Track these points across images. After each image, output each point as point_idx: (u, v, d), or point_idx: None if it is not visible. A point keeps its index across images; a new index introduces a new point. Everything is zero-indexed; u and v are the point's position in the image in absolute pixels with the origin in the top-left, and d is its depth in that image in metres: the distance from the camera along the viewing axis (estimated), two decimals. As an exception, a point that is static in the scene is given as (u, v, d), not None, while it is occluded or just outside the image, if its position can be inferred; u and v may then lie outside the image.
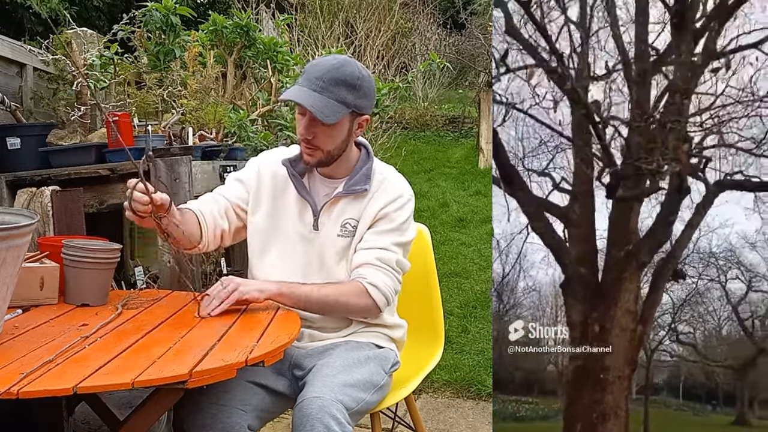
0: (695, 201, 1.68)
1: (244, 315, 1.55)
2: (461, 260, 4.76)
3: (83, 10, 6.01)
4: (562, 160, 1.71)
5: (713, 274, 1.66)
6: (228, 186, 1.73)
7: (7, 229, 1.20)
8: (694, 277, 1.67)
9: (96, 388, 1.08)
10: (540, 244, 1.70)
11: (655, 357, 1.67)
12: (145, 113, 2.74)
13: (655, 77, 1.70)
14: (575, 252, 1.69)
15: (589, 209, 1.70)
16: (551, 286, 1.69)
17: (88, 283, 1.61)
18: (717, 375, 1.66)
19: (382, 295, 1.59)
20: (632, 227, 1.69)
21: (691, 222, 1.68)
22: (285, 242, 1.66)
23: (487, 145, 7.30)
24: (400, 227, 1.64)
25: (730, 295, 1.66)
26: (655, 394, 1.66)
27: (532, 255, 1.70)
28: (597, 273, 1.69)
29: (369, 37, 7.83)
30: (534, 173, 1.72)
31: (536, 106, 1.72)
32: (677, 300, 1.67)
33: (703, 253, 1.67)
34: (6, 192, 2.23)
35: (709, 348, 1.67)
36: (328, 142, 1.59)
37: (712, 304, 1.67)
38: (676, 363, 1.68)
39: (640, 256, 1.67)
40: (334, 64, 1.55)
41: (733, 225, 1.66)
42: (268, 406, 1.58)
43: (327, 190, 1.68)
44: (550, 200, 1.71)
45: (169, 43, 2.78)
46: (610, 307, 1.66)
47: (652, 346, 1.67)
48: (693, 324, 1.67)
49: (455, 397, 2.90)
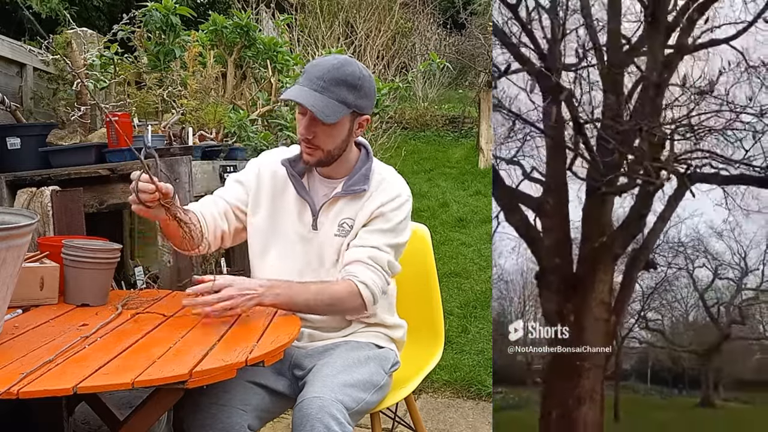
0: (667, 194, 1.71)
1: (244, 315, 1.55)
2: (461, 260, 4.76)
3: (83, 10, 6.02)
4: (532, 148, 1.72)
5: (681, 262, 1.71)
6: (228, 188, 1.73)
7: (7, 229, 1.20)
8: (663, 266, 1.70)
9: (96, 388, 1.08)
10: (509, 234, 1.72)
11: (625, 344, 1.71)
12: (145, 113, 2.74)
13: (627, 69, 1.71)
14: (549, 243, 1.70)
15: (563, 200, 1.71)
16: (519, 275, 1.71)
17: (88, 283, 1.61)
18: (683, 360, 1.71)
19: (371, 294, 1.59)
20: (606, 219, 1.71)
21: (662, 215, 1.71)
22: (285, 242, 1.66)
23: (487, 144, 7.30)
24: (395, 228, 1.64)
25: (698, 283, 1.71)
26: (624, 380, 1.71)
27: (501, 244, 1.71)
28: (572, 264, 1.71)
29: (369, 37, 7.83)
30: (503, 161, 1.72)
31: (506, 95, 1.72)
32: (647, 288, 1.71)
33: (672, 243, 1.70)
34: (6, 192, 2.23)
35: (676, 334, 1.71)
36: (329, 141, 1.59)
37: (680, 292, 1.71)
38: (645, 349, 1.72)
39: (613, 248, 1.69)
40: (335, 64, 1.55)
41: (701, 215, 1.70)
42: (268, 406, 1.58)
43: (326, 190, 1.68)
44: (522, 190, 1.72)
45: (169, 43, 2.78)
46: (586, 298, 1.69)
47: (623, 333, 1.71)
48: (661, 311, 1.71)
49: (455, 397, 2.90)
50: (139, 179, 1.42)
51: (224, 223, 1.68)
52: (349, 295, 1.57)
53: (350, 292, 1.57)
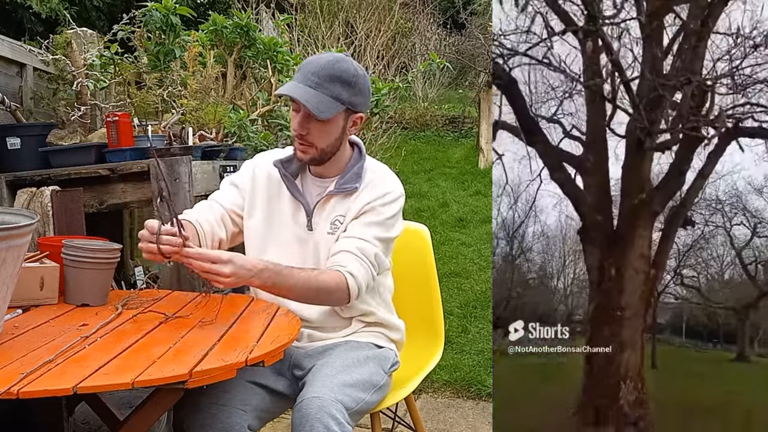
0: (707, 150, 1.67)
1: (244, 315, 1.55)
2: (461, 260, 4.76)
3: (83, 10, 6.01)
4: (570, 106, 1.69)
5: (719, 220, 1.69)
6: (223, 191, 1.73)
7: (7, 229, 1.20)
8: (700, 224, 1.69)
9: (96, 388, 1.08)
10: (550, 191, 1.71)
11: (661, 299, 1.72)
12: (145, 113, 2.74)
13: (668, 19, 1.66)
14: (591, 200, 1.71)
15: (603, 158, 1.70)
16: (560, 230, 1.71)
17: (88, 283, 1.61)
18: (719, 316, 1.71)
19: (357, 286, 1.55)
20: (645, 176, 1.70)
21: (702, 171, 1.68)
22: (281, 244, 1.66)
23: (487, 145, 7.29)
24: (385, 222, 1.62)
25: (735, 241, 1.69)
26: (660, 333, 1.72)
27: (543, 201, 1.70)
28: (612, 221, 1.72)
29: (369, 37, 7.82)
30: (543, 120, 1.70)
31: (543, 49, 1.69)
32: (683, 246, 1.71)
33: (710, 200, 1.69)
34: (6, 192, 2.24)
35: (712, 291, 1.71)
36: (322, 138, 1.58)
37: (716, 250, 1.70)
38: (680, 305, 1.73)
39: (652, 205, 1.69)
40: (330, 61, 1.55)
41: (740, 171, 1.67)
42: (268, 406, 1.58)
43: (319, 189, 1.67)
44: (563, 148, 1.71)
45: (169, 43, 2.78)
46: (626, 252, 1.70)
47: (659, 289, 1.72)
48: (697, 269, 1.71)
49: (455, 397, 2.90)
50: (163, 233, 1.37)
51: (222, 231, 1.66)
52: (337, 287, 1.53)
53: (338, 284, 1.53)
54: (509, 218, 1.70)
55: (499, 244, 1.74)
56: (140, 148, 2.26)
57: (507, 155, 1.69)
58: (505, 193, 1.68)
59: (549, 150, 1.70)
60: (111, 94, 2.93)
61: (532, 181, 1.70)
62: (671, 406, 1.70)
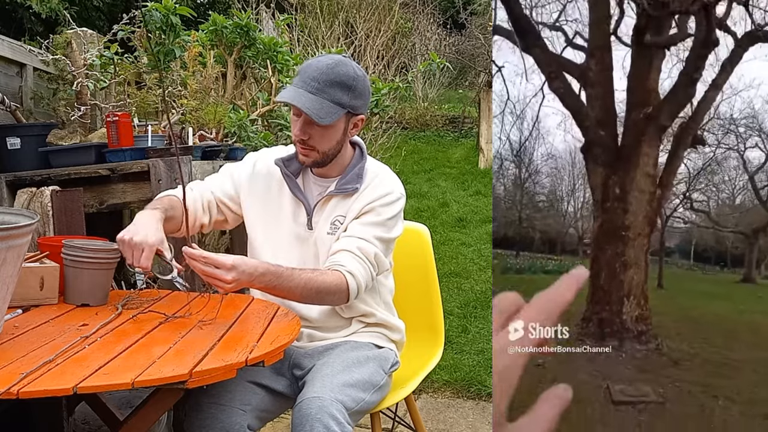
0: (721, 57, 1.54)
1: (244, 315, 1.55)
2: (461, 260, 4.76)
3: (83, 10, 6.02)
4: (574, 11, 1.58)
5: (732, 142, 1.60)
6: (219, 179, 1.74)
7: (7, 229, 1.20)
8: (712, 146, 1.61)
9: (96, 388, 1.08)
10: (555, 108, 1.60)
11: (669, 223, 1.66)
12: (145, 113, 2.74)
13: None
14: (594, 114, 1.61)
15: (607, 66, 1.60)
16: (568, 153, 1.63)
17: (88, 283, 1.61)
18: (727, 240, 1.67)
19: (357, 286, 1.55)
20: (652, 86, 1.59)
21: (715, 81, 1.55)
22: (281, 242, 1.66)
23: (487, 145, 7.30)
24: (385, 222, 1.62)
25: (748, 164, 1.61)
26: (667, 257, 1.67)
27: (548, 120, 1.60)
28: (617, 137, 1.63)
29: (369, 37, 7.82)
30: (546, 28, 1.59)
31: None
32: (693, 169, 1.63)
33: (724, 119, 1.58)
34: (6, 192, 2.24)
35: (721, 216, 1.65)
36: (324, 142, 1.59)
37: (727, 173, 1.62)
38: (689, 229, 1.67)
39: (660, 119, 1.59)
40: (329, 65, 1.54)
41: (759, 86, 1.56)
42: (268, 406, 1.58)
43: (320, 189, 1.68)
44: (566, 57, 1.59)
45: (169, 43, 2.78)
46: (630, 171, 1.62)
47: (667, 213, 1.65)
48: (707, 193, 1.65)
49: (455, 397, 2.90)
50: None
51: (205, 216, 1.69)
52: (337, 287, 1.53)
53: (338, 284, 1.53)
54: (515, 139, 1.62)
55: (506, 166, 1.64)
56: (140, 148, 2.26)
57: (507, 68, 1.56)
58: (508, 109, 1.58)
59: (548, 57, 1.58)
60: (111, 94, 2.92)
61: (534, 96, 1.58)
62: (675, 321, 1.66)
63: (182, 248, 1.44)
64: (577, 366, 1.58)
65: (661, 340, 1.62)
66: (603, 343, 1.66)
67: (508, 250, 1.71)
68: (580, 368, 1.58)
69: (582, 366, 1.58)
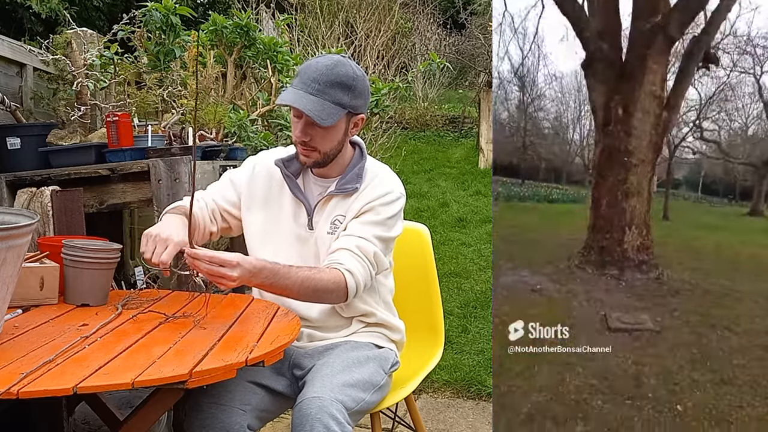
0: None
1: (244, 315, 1.55)
2: (461, 260, 4.76)
3: (83, 10, 6.02)
4: None
5: (748, 64, 1.47)
6: (220, 186, 1.75)
7: (7, 229, 1.20)
8: (726, 68, 1.47)
9: (96, 388, 1.08)
10: (557, 22, 1.47)
11: (677, 153, 1.59)
12: (145, 113, 2.74)
13: None
14: (596, 24, 1.46)
15: None
16: (573, 77, 1.53)
17: (88, 283, 1.61)
18: (736, 172, 1.60)
19: (356, 284, 1.55)
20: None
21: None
22: (282, 242, 1.66)
23: (487, 145, 7.29)
24: (385, 222, 1.62)
25: (764, 90, 1.50)
26: (675, 188, 1.61)
27: (550, 36, 1.48)
28: (621, 52, 1.49)
29: (369, 37, 7.82)
30: None
31: None
32: (705, 96, 1.52)
33: (740, 37, 1.44)
34: (6, 192, 2.24)
35: (732, 146, 1.58)
36: (325, 143, 1.59)
37: (741, 101, 1.52)
38: (698, 160, 1.60)
39: (668, 29, 1.44)
40: (329, 65, 1.54)
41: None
42: (268, 406, 1.58)
43: (320, 189, 1.68)
44: None
45: (169, 43, 2.78)
46: (634, 89, 1.49)
47: (675, 142, 1.57)
48: (719, 122, 1.56)
49: (455, 397, 2.90)
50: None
51: (213, 226, 1.71)
52: (336, 285, 1.53)
53: (337, 283, 1.53)
54: (516, 58, 1.46)
55: (509, 90, 1.49)
56: (140, 148, 2.26)
57: None
58: (506, 22, 1.45)
59: None
60: (111, 94, 2.92)
61: (533, 7, 1.46)
62: (677, 250, 1.61)
63: (185, 250, 1.45)
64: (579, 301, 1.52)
65: (662, 269, 1.57)
66: (603, 271, 1.58)
67: (512, 178, 1.62)
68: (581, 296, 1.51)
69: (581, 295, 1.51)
